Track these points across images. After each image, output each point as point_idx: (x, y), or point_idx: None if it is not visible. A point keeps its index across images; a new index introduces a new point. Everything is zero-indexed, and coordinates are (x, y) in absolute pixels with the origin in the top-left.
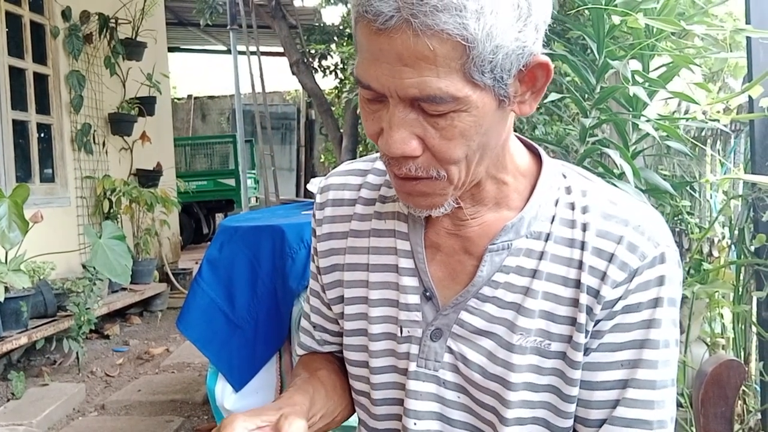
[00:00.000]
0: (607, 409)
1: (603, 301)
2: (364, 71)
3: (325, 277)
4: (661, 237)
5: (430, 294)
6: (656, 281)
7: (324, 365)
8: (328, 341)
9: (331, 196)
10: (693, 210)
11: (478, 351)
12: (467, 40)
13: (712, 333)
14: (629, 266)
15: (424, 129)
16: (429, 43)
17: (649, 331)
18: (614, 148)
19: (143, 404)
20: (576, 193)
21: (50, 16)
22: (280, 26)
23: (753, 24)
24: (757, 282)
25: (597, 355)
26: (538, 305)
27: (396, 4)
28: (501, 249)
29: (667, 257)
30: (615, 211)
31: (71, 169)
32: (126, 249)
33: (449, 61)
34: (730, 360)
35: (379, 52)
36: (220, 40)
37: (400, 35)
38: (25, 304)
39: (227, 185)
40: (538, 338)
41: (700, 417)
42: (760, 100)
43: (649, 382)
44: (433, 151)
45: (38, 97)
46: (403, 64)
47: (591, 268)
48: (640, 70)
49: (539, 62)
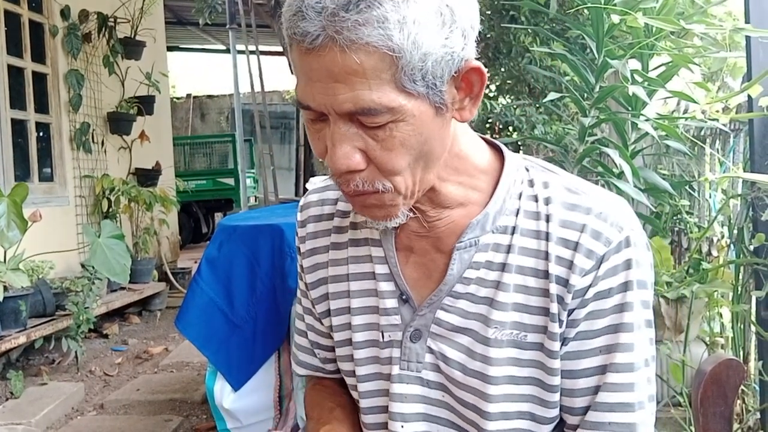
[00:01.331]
0: (590, 396)
1: (573, 290)
2: (301, 92)
3: (313, 292)
4: (624, 221)
5: (406, 296)
6: (624, 265)
7: (336, 401)
8: (329, 358)
9: (312, 212)
10: (692, 209)
11: (456, 348)
12: (393, 51)
13: (711, 332)
14: (595, 253)
15: (365, 142)
16: (356, 57)
17: (622, 315)
18: (613, 147)
19: (142, 403)
20: (538, 185)
21: (49, 15)
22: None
23: (752, 23)
24: (756, 281)
25: (575, 344)
26: (510, 298)
27: (321, 23)
28: (468, 246)
29: (632, 240)
30: (577, 200)
31: (70, 168)
32: (125, 248)
33: (379, 73)
34: (729, 359)
35: (311, 71)
36: (220, 39)
37: (327, 53)
38: (24, 304)
39: (226, 184)
40: (514, 330)
41: (699, 416)
42: (760, 99)
43: (627, 365)
44: (376, 163)
45: (37, 96)
46: (334, 81)
47: (558, 258)
48: (639, 69)
49: (472, 67)
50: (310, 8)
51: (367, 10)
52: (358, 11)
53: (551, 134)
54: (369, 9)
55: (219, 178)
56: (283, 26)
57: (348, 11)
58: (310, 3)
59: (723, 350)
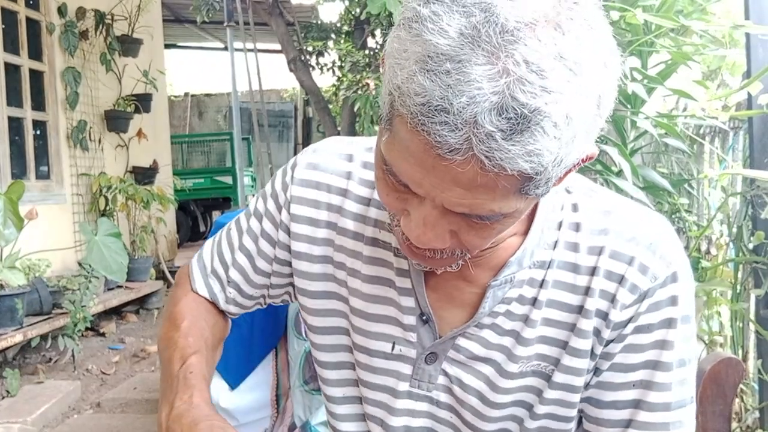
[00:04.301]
0: (618, 428)
1: (612, 324)
2: (401, 169)
3: (294, 261)
4: (673, 254)
5: (427, 317)
6: (668, 301)
7: (210, 326)
8: (235, 300)
9: (319, 177)
10: (691, 208)
11: (476, 376)
12: (538, 174)
13: (710, 331)
14: (639, 288)
15: (459, 227)
16: (496, 180)
17: (661, 352)
18: (612, 145)
19: (139, 402)
20: (582, 211)
21: (46, 12)
22: (277, 23)
23: (752, 20)
24: (755, 279)
25: (607, 375)
26: (535, 333)
27: (466, 136)
28: (504, 283)
29: (679, 276)
30: (624, 229)
31: (67, 166)
32: (122, 246)
33: (510, 189)
34: (728, 358)
35: (431, 168)
36: (217, 37)
37: (462, 166)
38: (21, 302)
39: (224, 183)
40: (539, 362)
41: (698, 415)
42: (759, 97)
43: (662, 405)
44: (463, 242)
45: (34, 93)
46: (457, 186)
47: (602, 292)
48: (638, 67)
49: (589, 156)
50: (459, 115)
51: (531, 142)
52: (520, 141)
53: None
54: (533, 140)
55: (217, 177)
56: (398, 92)
57: (509, 139)
58: (459, 107)
59: (722, 349)
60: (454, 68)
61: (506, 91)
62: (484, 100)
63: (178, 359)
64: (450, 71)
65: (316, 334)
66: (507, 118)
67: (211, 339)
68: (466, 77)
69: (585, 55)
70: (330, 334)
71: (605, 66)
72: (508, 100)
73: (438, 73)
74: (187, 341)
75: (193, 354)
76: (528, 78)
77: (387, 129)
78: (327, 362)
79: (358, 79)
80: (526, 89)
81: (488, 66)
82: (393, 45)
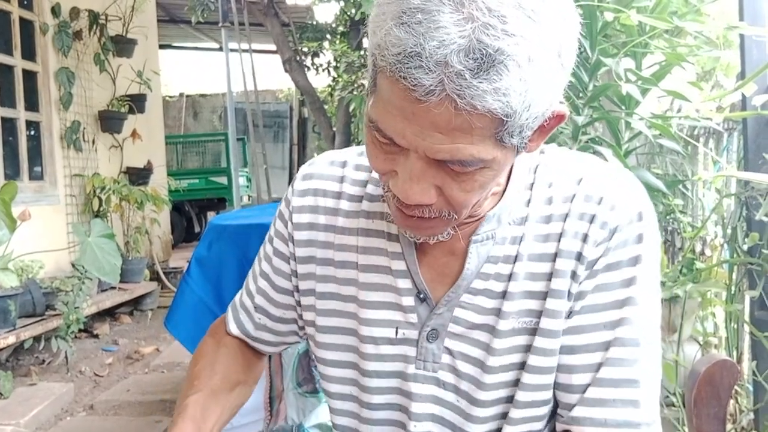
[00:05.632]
0: (590, 373)
1: (586, 261)
2: (386, 123)
3: (300, 267)
4: (639, 197)
5: (424, 295)
6: (635, 239)
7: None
8: (266, 326)
9: (315, 185)
10: (685, 209)
11: (475, 345)
12: (508, 116)
13: (704, 332)
14: (608, 224)
15: (443, 180)
16: (470, 119)
17: (629, 289)
18: (607, 146)
19: (132, 404)
20: (555, 167)
21: (39, 12)
22: (272, 24)
23: (746, 21)
24: (749, 281)
25: (580, 318)
26: (519, 287)
27: (439, 77)
28: (485, 239)
29: (644, 216)
30: (595, 174)
31: (60, 167)
32: (115, 247)
33: (485, 131)
34: (723, 360)
35: (411, 114)
36: (212, 37)
37: (439, 107)
38: (13, 303)
39: (219, 183)
40: (526, 318)
41: (692, 417)
42: (753, 98)
43: (632, 340)
44: (448, 198)
45: (27, 93)
46: (436, 131)
47: (575, 233)
48: (632, 68)
49: (559, 114)
50: (431, 58)
51: (497, 79)
52: (487, 78)
53: None
54: (498, 77)
55: (211, 177)
56: (378, 49)
57: (476, 76)
58: (430, 50)
59: (716, 350)
60: (425, 18)
61: (472, 35)
62: (453, 43)
63: (181, 400)
64: (421, 21)
65: (322, 333)
66: (474, 58)
67: (221, 381)
68: (436, 24)
69: (542, 6)
70: (335, 333)
71: (564, 19)
72: (474, 42)
73: (411, 24)
74: (192, 384)
75: (192, 395)
76: (491, 23)
77: (372, 91)
78: (329, 359)
79: (354, 79)
80: (490, 33)
81: (455, 14)
82: (373, 12)
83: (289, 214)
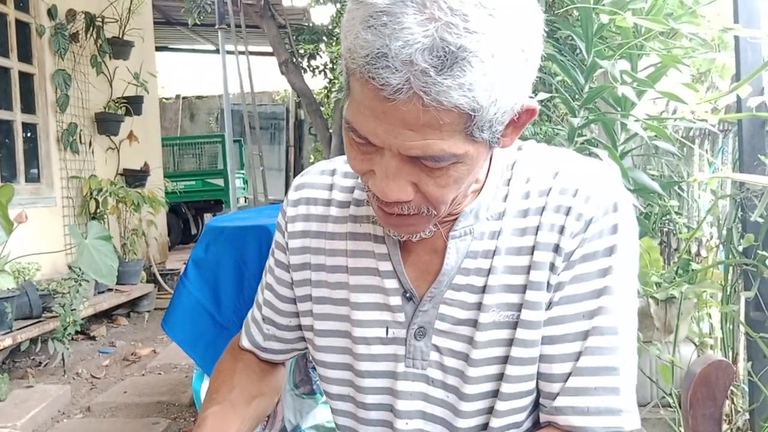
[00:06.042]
0: (570, 362)
1: (563, 253)
2: (360, 123)
3: (296, 274)
4: (614, 190)
5: (410, 294)
6: (610, 230)
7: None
8: (275, 335)
9: (306, 194)
10: (681, 210)
11: (460, 340)
12: (475, 110)
13: (700, 333)
14: (584, 216)
15: (419, 177)
16: (437, 115)
17: (606, 278)
18: (603, 147)
19: (129, 406)
20: (532, 163)
21: (36, 14)
22: (268, 26)
23: (741, 23)
24: (745, 282)
25: (559, 309)
26: (498, 280)
27: (406, 76)
28: (464, 234)
29: (620, 207)
30: (571, 169)
31: (57, 169)
32: (112, 249)
33: (454, 127)
34: (718, 360)
35: (381, 113)
36: (209, 39)
37: (407, 105)
38: (10, 305)
39: (215, 185)
40: (506, 312)
41: (688, 417)
42: (748, 100)
43: (610, 328)
44: (425, 194)
45: (23, 96)
46: (406, 128)
47: (551, 225)
48: (628, 69)
49: (529, 108)
50: (396, 57)
51: (460, 75)
52: (451, 74)
53: (540, 134)
54: (462, 73)
55: (208, 179)
56: (349, 53)
57: (440, 73)
58: (396, 50)
59: (712, 351)
60: (390, 20)
61: (435, 34)
62: (417, 42)
63: (201, 414)
64: (387, 23)
65: (319, 337)
66: (437, 56)
67: (239, 394)
68: (401, 26)
69: (503, 4)
70: (331, 336)
71: (526, 15)
72: (438, 41)
73: (377, 26)
74: (211, 398)
75: (211, 407)
76: (453, 21)
77: (347, 95)
78: (328, 362)
79: None
80: (452, 31)
81: (419, 15)
82: (344, 18)
83: (285, 224)
